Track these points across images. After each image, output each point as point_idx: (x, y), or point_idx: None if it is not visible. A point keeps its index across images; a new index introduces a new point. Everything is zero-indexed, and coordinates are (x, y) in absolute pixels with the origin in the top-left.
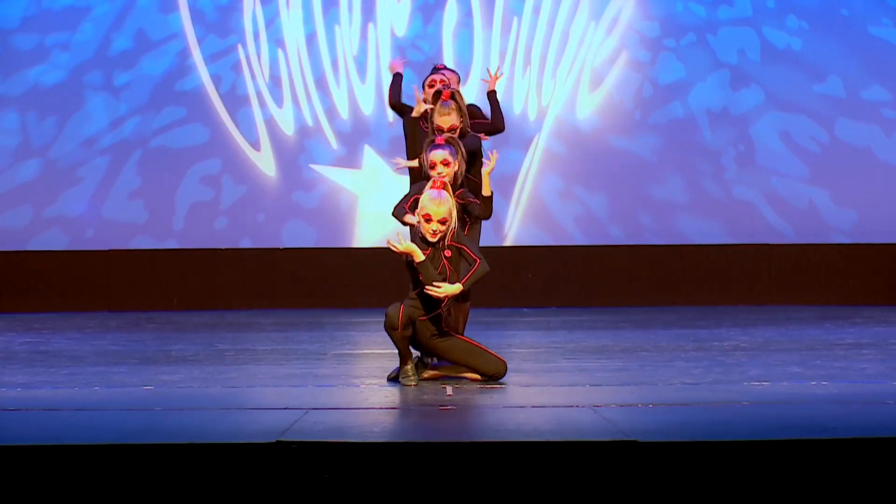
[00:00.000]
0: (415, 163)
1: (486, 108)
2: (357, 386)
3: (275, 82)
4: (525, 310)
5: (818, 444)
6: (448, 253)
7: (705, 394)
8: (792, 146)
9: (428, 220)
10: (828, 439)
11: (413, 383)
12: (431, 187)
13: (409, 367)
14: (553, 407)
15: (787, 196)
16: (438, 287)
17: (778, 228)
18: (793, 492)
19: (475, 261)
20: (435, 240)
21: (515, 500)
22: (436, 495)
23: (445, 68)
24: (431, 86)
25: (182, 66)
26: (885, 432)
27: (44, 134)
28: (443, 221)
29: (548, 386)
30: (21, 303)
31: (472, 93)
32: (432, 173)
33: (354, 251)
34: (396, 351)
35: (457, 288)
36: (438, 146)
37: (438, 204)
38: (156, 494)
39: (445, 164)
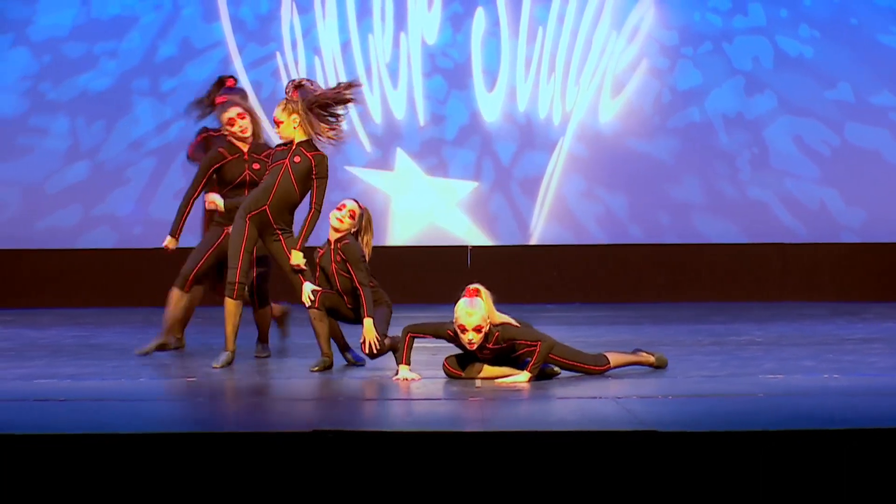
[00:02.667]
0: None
1: None
2: (389, 377)
3: None
4: (549, 306)
5: (830, 434)
6: (487, 353)
7: (722, 386)
8: (804, 149)
9: (463, 330)
10: (839, 430)
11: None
12: (465, 296)
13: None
14: (577, 398)
15: (800, 196)
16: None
17: (791, 228)
18: (806, 480)
19: (537, 343)
20: (473, 349)
21: (541, 488)
22: (465, 483)
23: (232, 89)
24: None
25: (224, 72)
26: (893, 423)
27: (93, 137)
28: (478, 329)
29: (572, 378)
30: (71, 298)
31: (484, 101)
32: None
33: (388, 249)
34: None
35: (525, 377)
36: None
37: (470, 313)
38: (197, 481)
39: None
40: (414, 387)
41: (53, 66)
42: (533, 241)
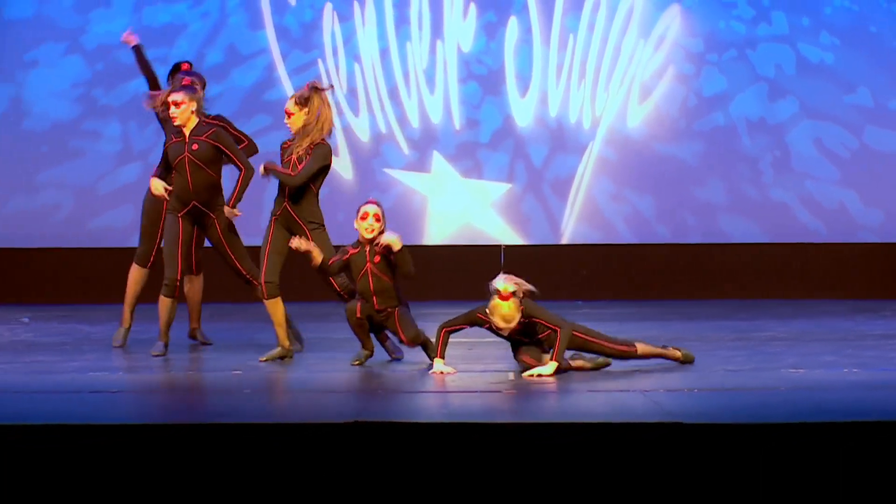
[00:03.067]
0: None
1: None
2: (427, 370)
3: (352, 93)
4: (580, 302)
5: (850, 426)
6: (516, 331)
7: (745, 380)
8: (824, 152)
9: (498, 328)
10: (859, 422)
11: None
12: (499, 298)
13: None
14: (606, 392)
15: (820, 198)
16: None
17: (811, 228)
18: (826, 470)
19: (556, 329)
20: (507, 334)
21: (571, 477)
22: (499, 473)
23: (188, 72)
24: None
25: (269, 78)
26: None
27: (143, 140)
28: (513, 326)
29: (601, 372)
30: (121, 295)
31: (517, 106)
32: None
33: (424, 248)
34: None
35: (550, 368)
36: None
37: (507, 319)
38: (241, 471)
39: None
40: (449, 380)
41: (105, 72)
42: (564, 241)
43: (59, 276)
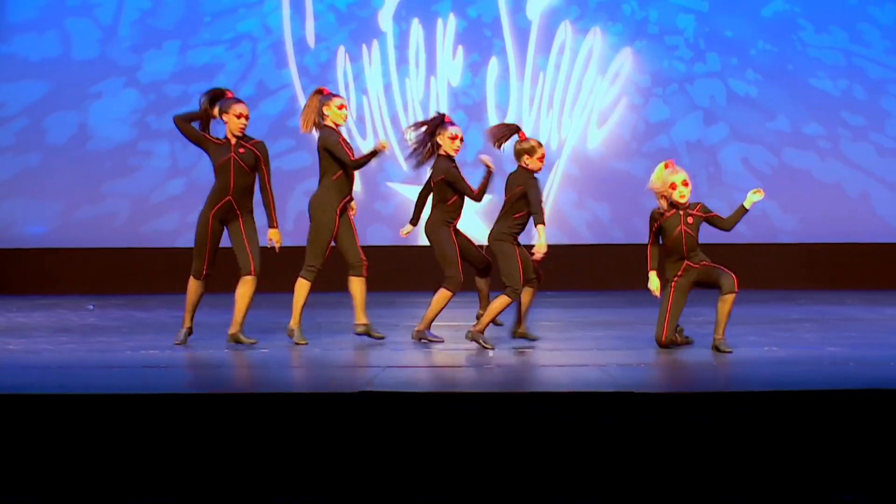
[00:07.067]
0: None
1: None
2: (424, 348)
3: (360, 120)
4: (549, 293)
5: (772, 395)
6: (690, 220)
7: (684, 356)
8: (750, 168)
9: (674, 187)
10: (779, 391)
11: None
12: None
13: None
14: (568, 366)
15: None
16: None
17: (739, 231)
18: (749, 433)
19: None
20: (684, 200)
21: (547, 439)
22: (485, 434)
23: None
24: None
25: (292, 108)
26: (819, 386)
27: (188, 158)
28: (685, 183)
29: (564, 350)
30: (172, 286)
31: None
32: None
33: (418, 248)
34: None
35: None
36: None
37: (677, 171)
38: (263, 436)
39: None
40: (442, 357)
41: (157, 102)
42: (534, 241)
43: (118, 271)
